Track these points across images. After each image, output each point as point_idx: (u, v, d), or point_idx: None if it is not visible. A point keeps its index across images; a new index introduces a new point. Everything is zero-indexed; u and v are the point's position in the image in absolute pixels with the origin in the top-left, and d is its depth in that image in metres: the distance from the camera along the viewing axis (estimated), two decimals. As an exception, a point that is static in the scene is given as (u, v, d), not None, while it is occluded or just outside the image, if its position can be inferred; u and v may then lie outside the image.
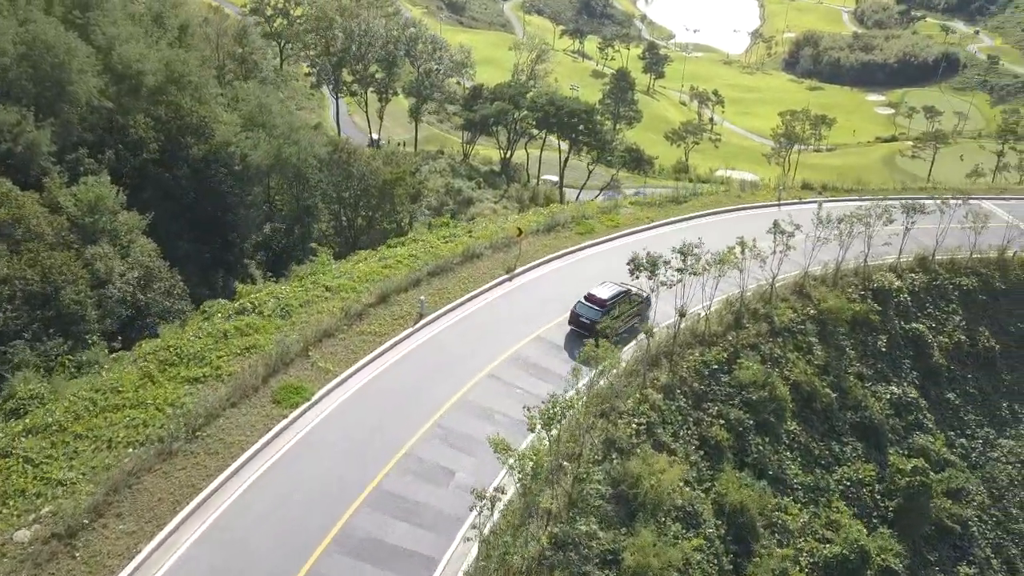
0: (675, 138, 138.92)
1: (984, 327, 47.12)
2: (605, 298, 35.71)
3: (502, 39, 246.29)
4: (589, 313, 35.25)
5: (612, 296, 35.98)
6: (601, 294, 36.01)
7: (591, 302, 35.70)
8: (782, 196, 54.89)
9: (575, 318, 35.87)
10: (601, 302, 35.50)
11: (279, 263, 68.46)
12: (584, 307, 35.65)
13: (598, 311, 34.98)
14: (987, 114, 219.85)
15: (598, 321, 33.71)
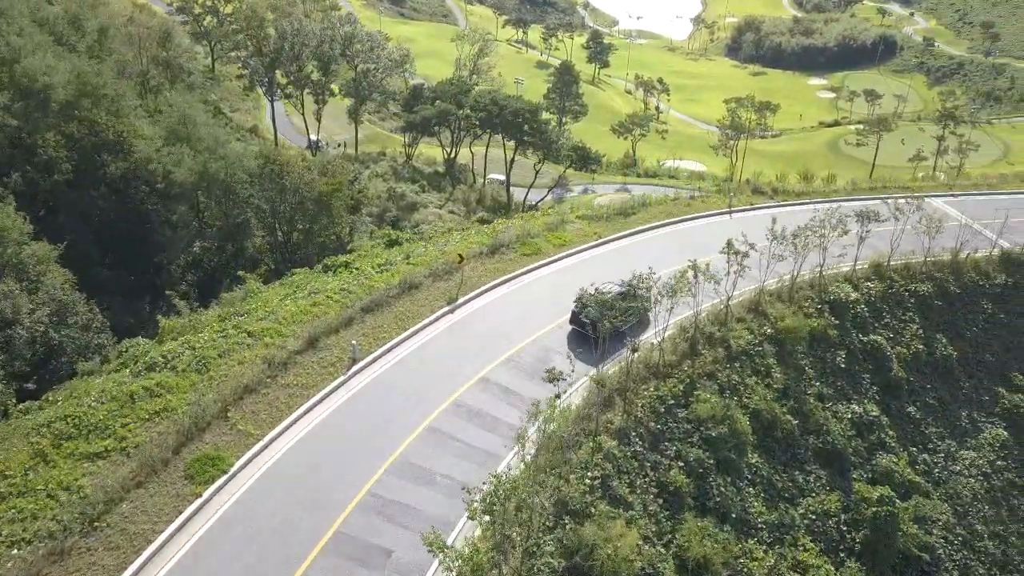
0: (622, 131, 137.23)
1: (941, 334, 46.01)
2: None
3: (444, 30, 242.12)
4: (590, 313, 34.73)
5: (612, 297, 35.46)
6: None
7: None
8: (733, 203, 53.08)
9: (575, 317, 35.97)
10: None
11: (212, 282, 64.74)
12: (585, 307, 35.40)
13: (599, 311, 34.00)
14: (925, 96, 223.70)
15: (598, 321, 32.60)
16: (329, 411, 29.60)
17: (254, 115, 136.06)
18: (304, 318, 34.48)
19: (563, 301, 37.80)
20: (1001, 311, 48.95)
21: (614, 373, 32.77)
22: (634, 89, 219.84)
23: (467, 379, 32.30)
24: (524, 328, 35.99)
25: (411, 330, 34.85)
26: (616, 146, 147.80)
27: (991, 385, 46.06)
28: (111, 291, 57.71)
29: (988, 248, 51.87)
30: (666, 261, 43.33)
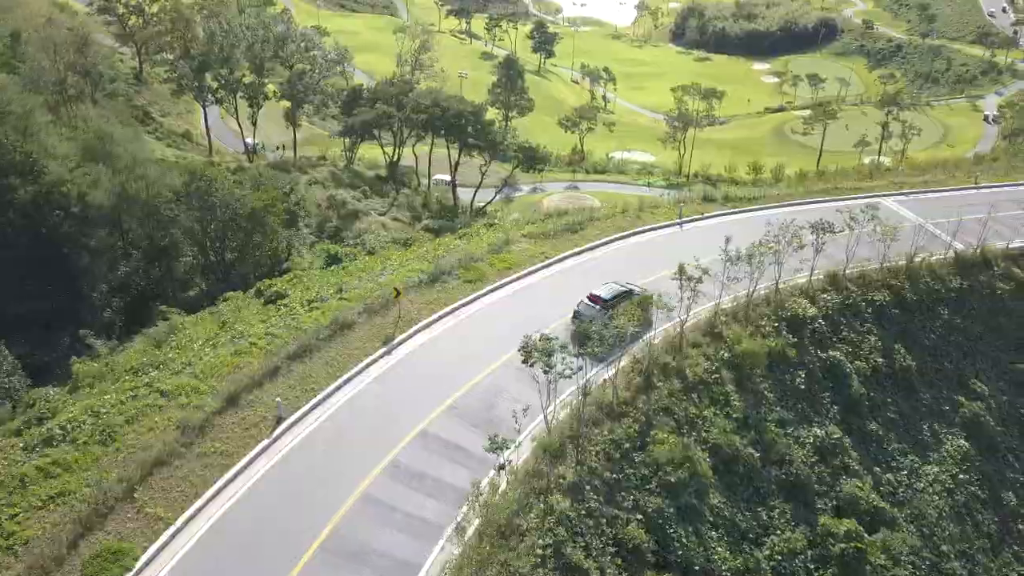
0: (569, 125, 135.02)
1: (899, 344, 44.72)
2: (606, 298, 37.28)
3: (386, 23, 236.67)
4: (590, 312, 36.58)
5: (613, 296, 37.52)
6: (603, 294, 37.52)
7: (593, 301, 37.28)
8: (683, 213, 51.09)
9: (577, 316, 37.14)
10: (602, 302, 37.06)
11: (141, 305, 60.90)
12: (586, 307, 37.20)
13: (600, 311, 36.24)
14: (866, 79, 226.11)
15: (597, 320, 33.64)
16: (251, 482, 26.69)
17: (187, 119, 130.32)
18: (224, 371, 31.38)
19: (510, 334, 35.30)
20: (957, 316, 47.94)
21: (565, 418, 30.44)
22: (580, 79, 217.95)
23: (405, 433, 29.62)
24: (468, 368, 33.43)
25: (343, 378, 32.01)
26: (564, 139, 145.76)
27: (951, 394, 44.97)
28: (26, 326, 53.61)
29: (942, 251, 50.85)
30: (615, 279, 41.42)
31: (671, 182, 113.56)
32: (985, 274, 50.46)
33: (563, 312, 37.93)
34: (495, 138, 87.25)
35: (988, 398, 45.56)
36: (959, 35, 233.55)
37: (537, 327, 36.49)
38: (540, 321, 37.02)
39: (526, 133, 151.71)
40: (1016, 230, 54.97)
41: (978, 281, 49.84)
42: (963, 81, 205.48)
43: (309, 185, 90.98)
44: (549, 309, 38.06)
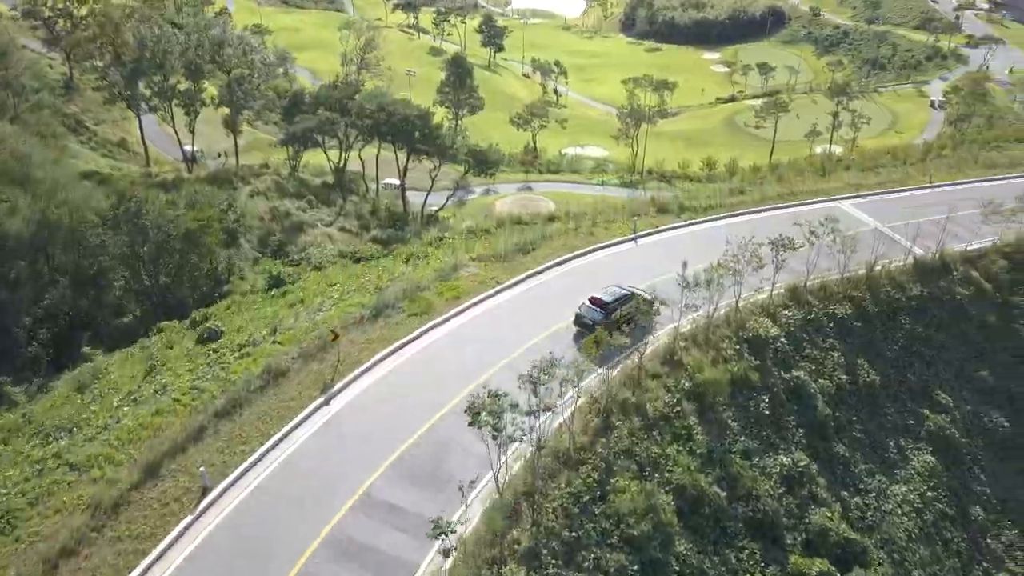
0: (521, 122, 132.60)
1: (862, 358, 43.50)
2: (608, 301, 37.55)
3: (331, 18, 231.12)
4: (592, 315, 37.07)
5: (615, 299, 37.80)
6: (604, 297, 37.77)
7: (595, 304, 37.53)
8: (637, 227, 49.15)
9: (579, 319, 37.59)
10: (603, 304, 37.35)
11: (72, 335, 57.26)
12: (588, 309, 37.56)
13: (601, 313, 36.91)
14: (815, 66, 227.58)
15: (600, 323, 34.89)
16: (170, 571, 23.97)
17: (123, 127, 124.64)
18: (144, 434, 28.54)
19: (458, 374, 33.08)
20: (919, 325, 46.92)
21: (520, 471, 28.27)
22: (531, 72, 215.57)
23: (345, 498, 27.17)
24: (414, 416, 31.05)
25: (277, 436, 29.38)
26: (517, 137, 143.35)
27: (915, 407, 43.92)
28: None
29: (902, 256, 49.81)
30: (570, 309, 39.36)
31: (625, 180, 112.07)
32: (945, 279, 49.54)
33: (516, 346, 35.74)
34: (444, 142, 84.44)
35: (952, 409, 44.67)
36: (903, 21, 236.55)
37: (489, 365, 34.54)
38: (491, 357, 34.89)
39: (478, 131, 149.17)
40: (972, 230, 54.18)
41: (938, 287, 48.90)
42: (909, 67, 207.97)
43: (251, 197, 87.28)
44: (501, 343, 35.85)
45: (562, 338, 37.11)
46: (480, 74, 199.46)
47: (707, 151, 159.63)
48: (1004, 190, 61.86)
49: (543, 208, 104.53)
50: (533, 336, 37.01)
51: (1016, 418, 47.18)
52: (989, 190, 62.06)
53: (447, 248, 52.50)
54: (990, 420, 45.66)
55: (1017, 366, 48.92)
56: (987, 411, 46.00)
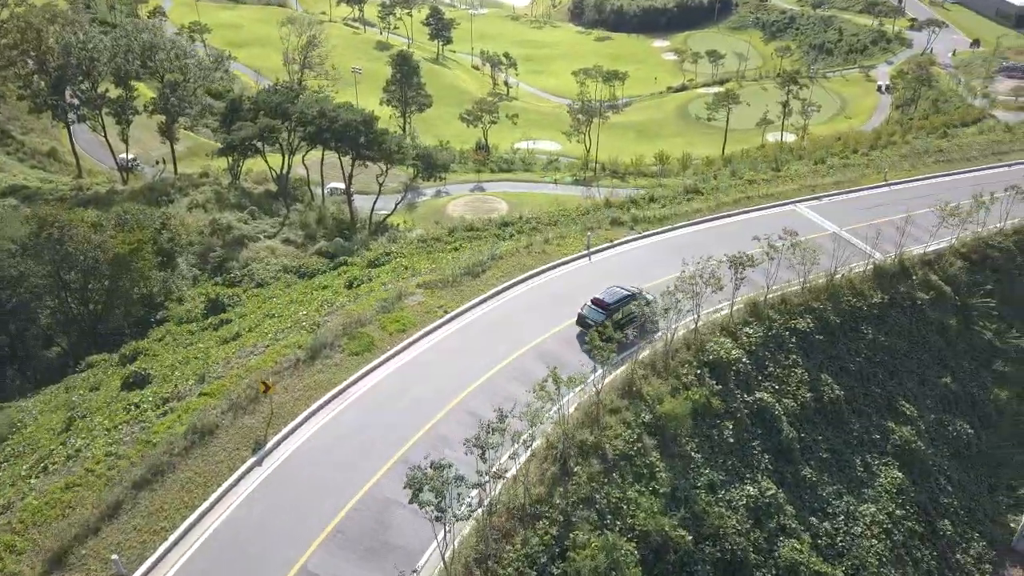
0: (471, 120, 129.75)
1: (826, 373, 42.16)
2: (609, 302, 38.37)
3: (273, 13, 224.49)
4: (594, 316, 37.83)
5: (616, 300, 38.54)
6: (606, 298, 38.60)
7: (596, 305, 38.44)
8: (591, 243, 47.09)
9: (582, 320, 38.43)
10: (605, 305, 38.24)
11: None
12: (590, 310, 38.45)
13: (602, 314, 37.75)
14: (763, 51, 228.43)
15: (602, 323, 35.04)
16: None
17: (53, 135, 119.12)
18: (52, 514, 25.62)
19: (403, 425, 30.71)
20: (881, 333, 45.78)
21: (471, 534, 26.06)
22: (481, 64, 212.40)
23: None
24: (355, 474, 28.64)
25: (203, 506, 26.70)
26: (468, 133, 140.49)
27: (880, 420, 42.77)
28: None
29: (861, 262, 48.64)
30: (525, 337, 37.27)
31: (578, 178, 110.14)
32: (904, 284, 48.50)
33: (468, 383, 33.52)
34: (390, 147, 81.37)
35: (917, 420, 43.64)
36: (849, 5, 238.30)
37: (436, 409, 32.26)
38: (439, 401, 32.59)
39: (428, 128, 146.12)
40: (929, 231, 53.23)
41: (898, 293, 47.83)
42: (855, 51, 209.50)
43: (190, 209, 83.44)
44: (449, 382, 33.56)
45: (517, 371, 34.96)
46: (429, 68, 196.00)
47: (660, 143, 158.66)
48: (958, 186, 61.38)
49: (496, 209, 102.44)
50: (486, 370, 34.85)
51: (980, 424, 46.54)
52: (944, 187, 61.55)
53: (394, 267, 49.98)
54: (954, 429, 44.83)
55: (978, 370, 48.26)
56: (951, 420, 45.17)
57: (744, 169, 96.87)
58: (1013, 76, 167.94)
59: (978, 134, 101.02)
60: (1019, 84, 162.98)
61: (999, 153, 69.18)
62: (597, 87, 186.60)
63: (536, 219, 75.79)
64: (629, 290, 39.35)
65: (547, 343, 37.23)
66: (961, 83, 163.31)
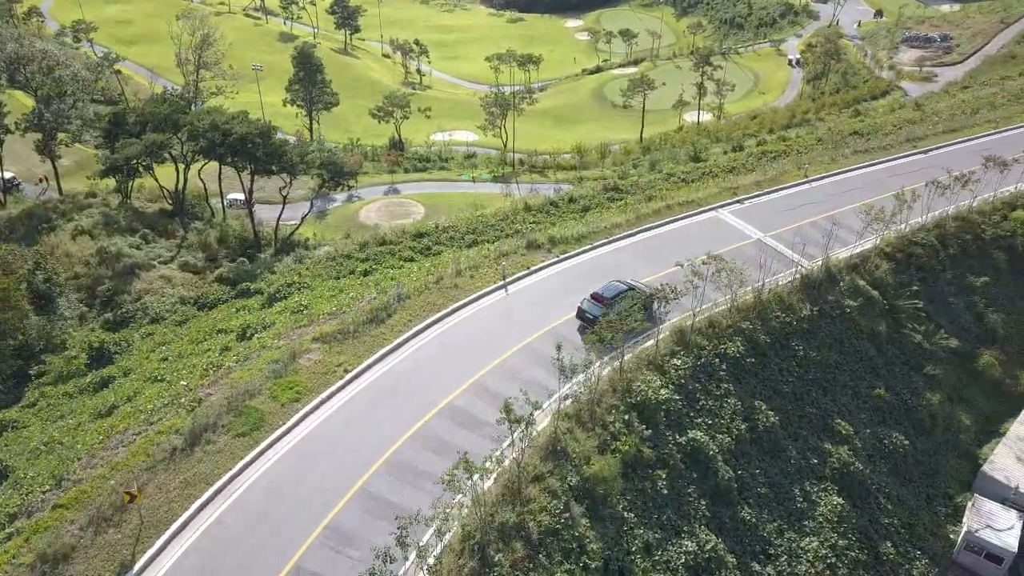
0: (382, 116, 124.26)
1: (759, 400, 39.98)
2: (608, 297, 39.35)
3: (167, 6, 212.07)
4: (593, 309, 39.03)
5: (615, 294, 39.51)
6: (604, 293, 39.65)
7: (595, 299, 39.43)
8: (506, 272, 43.66)
9: (581, 314, 39.63)
10: (603, 300, 39.19)
11: None
12: (589, 304, 39.51)
13: (601, 307, 38.61)
14: (676, 28, 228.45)
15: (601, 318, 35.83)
16: None
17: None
18: None
19: (296, 518, 26.81)
20: (812, 348, 43.89)
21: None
22: (392, 53, 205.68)
23: None
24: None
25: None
26: (380, 128, 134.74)
27: (817, 442, 40.91)
28: None
29: (788, 271, 46.68)
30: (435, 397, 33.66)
31: (496, 174, 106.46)
32: (833, 292, 46.74)
33: (372, 459, 29.79)
34: (291, 159, 76.01)
35: (853, 437, 41.91)
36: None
37: (336, 497, 28.46)
38: (339, 486, 28.77)
39: (338, 124, 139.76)
40: (852, 230, 51.79)
41: (827, 302, 46.02)
42: (765, 25, 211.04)
43: (74, 237, 76.48)
44: (353, 459, 29.77)
45: (428, 439, 31.39)
46: (337, 60, 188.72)
47: (578, 128, 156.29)
48: (879, 179, 60.28)
49: (412, 213, 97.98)
50: (392, 441, 31.20)
51: (914, 432, 45.27)
52: (864, 180, 60.36)
53: (293, 308, 45.59)
54: (890, 441, 43.31)
55: (910, 375, 46.99)
56: (886, 432, 43.64)
57: (663, 159, 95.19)
58: (915, 46, 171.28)
59: (889, 112, 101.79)
60: (922, 54, 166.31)
61: (914, 139, 68.50)
62: (512, 72, 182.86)
63: (453, 228, 72.38)
64: (626, 284, 40.90)
65: (461, 400, 33.76)
66: (868, 55, 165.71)
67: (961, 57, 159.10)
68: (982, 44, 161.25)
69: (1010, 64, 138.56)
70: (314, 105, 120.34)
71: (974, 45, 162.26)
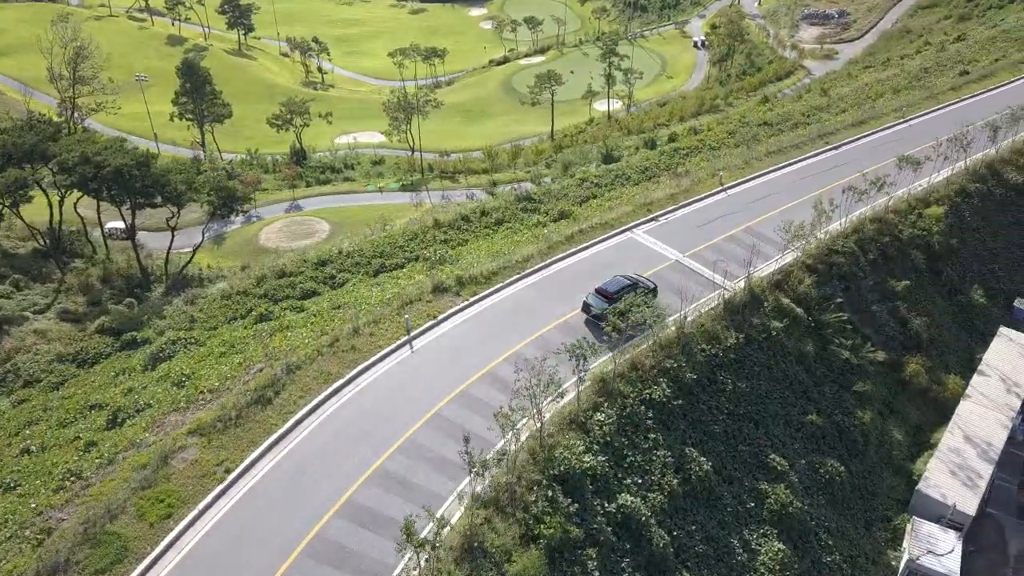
0: (280, 123, 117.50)
1: (690, 445, 37.34)
2: (612, 291, 40.55)
3: (42, 11, 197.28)
4: (598, 304, 40.17)
5: (619, 289, 40.80)
6: (609, 287, 40.86)
7: (600, 294, 40.54)
8: (411, 325, 39.59)
9: (587, 308, 40.72)
10: (608, 295, 40.34)
11: None
12: (595, 298, 40.56)
13: (606, 302, 39.83)
14: (581, 13, 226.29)
15: (606, 311, 37.52)
16: None
17: None
18: None
19: None
20: (741, 379, 41.52)
21: None
22: (290, 51, 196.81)
23: None
24: None
25: None
26: (280, 137, 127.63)
27: (753, 483, 38.60)
28: None
29: (711, 295, 44.22)
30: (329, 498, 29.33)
31: (405, 182, 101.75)
32: (757, 314, 44.47)
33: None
34: (175, 189, 69.69)
35: (789, 472, 39.78)
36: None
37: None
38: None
39: (235, 132, 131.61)
40: (773, 242, 49.78)
41: (752, 327, 43.69)
42: (668, 6, 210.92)
43: (-69, 291, 68.68)
44: None
45: (326, 553, 27.30)
46: (230, 62, 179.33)
47: (488, 123, 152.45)
48: (793, 182, 58.60)
49: (316, 232, 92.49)
50: (285, 555, 26.98)
51: (848, 454, 43.57)
52: (780, 185, 58.58)
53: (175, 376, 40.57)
54: (826, 470, 41.44)
55: (840, 394, 45.27)
56: (821, 460, 41.75)
57: (576, 161, 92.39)
58: (815, 23, 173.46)
59: (797, 99, 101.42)
60: (822, 31, 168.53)
61: (825, 135, 67.24)
62: (416, 67, 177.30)
63: (358, 252, 67.69)
64: (630, 279, 42.29)
65: (362, 495, 29.78)
66: (771, 35, 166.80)
67: (859, 33, 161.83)
68: (878, 19, 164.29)
69: (905, 39, 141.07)
70: (205, 119, 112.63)
71: (870, 20, 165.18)
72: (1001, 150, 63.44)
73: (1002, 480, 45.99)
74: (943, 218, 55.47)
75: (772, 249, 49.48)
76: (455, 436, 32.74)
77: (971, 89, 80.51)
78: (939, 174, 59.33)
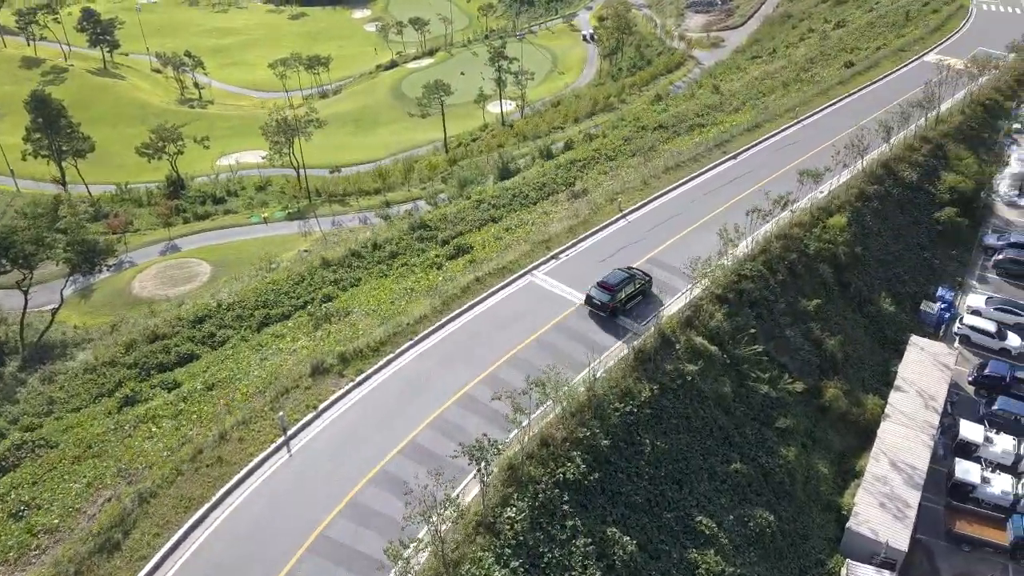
0: (151, 153, 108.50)
1: (611, 525, 33.91)
2: (613, 284, 43.01)
3: None
4: (601, 296, 42.82)
5: (619, 281, 43.21)
6: (610, 280, 43.28)
7: (602, 287, 43.00)
8: (288, 422, 34.59)
9: (589, 300, 43.26)
10: (610, 287, 42.83)
11: None
12: (597, 291, 43.05)
13: (608, 294, 42.61)
14: (467, 10, 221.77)
15: (608, 303, 42.32)
16: None
17: None
18: None
19: None
20: (659, 436, 38.42)
21: None
22: (162, 67, 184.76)
23: None
24: None
25: None
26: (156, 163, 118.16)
27: (682, 554, 35.47)
28: None
29: (619, 344, 40.94)
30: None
31: (291, 210, 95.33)
32: (670, 359, 41.48)
33: None
34: (23, 250, 61.95)
35: (717, 534, 36.93)
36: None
37: None
38: None
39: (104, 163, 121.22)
40: (679, 272, 46.94)
41: (665, 374, 40.65)
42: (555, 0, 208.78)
43: None
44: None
45: None
46: (95, 83, 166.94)
47: (380, 132, 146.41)
48: (694, 201, 56.10)
49: (197, 276, 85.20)
50: None
51: (776, 499, 41.15)
52: (680, 202, 56.03)
53: (14, 509, 34.36)
54: (755, 523, 38.76)
55: (762, 432, 42.85)
56: (749, 511, 39.07)
57: (471, 176, 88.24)
58: (700, 10, 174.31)
59: (690, 97, 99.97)
60: (708, 19, 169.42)
61: (722, 143, 65.21)
62: (299, 76, 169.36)
63: (239, 303, 61.88)
64: (628, 272, 44.28)
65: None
66: (658, 26, 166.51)
67: (743, 19, 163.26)
68: (760, 4, 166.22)
69: (787, 24, 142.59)
70: (63, 155, 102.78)
71: (753, 6, 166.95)
72: (895, 148, 62.90)
73: (927, 500, 44.65)
74: (846, 228, 54.13)
75: (678, 280, 46.70)
76: (345, 563, 28.29)
77: (858, 82, 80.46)
78: (839, 178, 58.10)
